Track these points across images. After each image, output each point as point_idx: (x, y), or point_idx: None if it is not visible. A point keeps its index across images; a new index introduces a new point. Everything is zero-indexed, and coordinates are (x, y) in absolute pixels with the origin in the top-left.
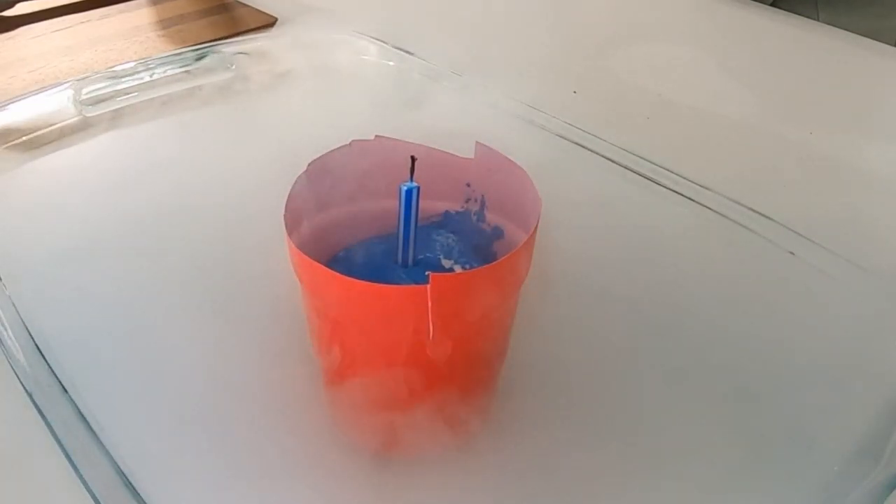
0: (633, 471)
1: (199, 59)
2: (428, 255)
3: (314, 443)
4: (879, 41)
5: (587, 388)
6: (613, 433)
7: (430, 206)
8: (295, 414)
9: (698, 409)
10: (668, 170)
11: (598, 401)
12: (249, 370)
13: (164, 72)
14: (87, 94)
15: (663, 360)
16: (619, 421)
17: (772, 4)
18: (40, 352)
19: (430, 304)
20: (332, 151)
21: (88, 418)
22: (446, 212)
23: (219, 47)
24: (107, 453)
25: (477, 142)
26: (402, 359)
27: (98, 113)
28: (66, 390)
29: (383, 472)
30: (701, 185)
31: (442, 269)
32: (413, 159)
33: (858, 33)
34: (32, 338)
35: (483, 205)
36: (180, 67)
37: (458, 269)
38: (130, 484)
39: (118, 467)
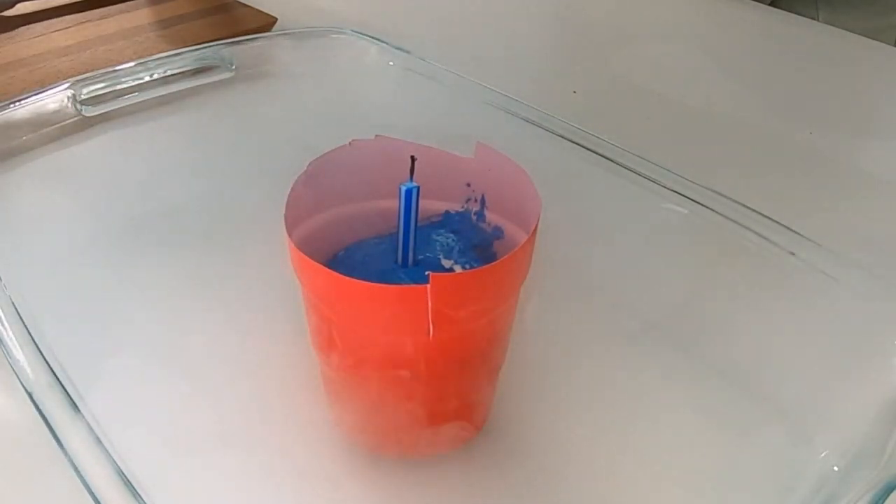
0: (632, 470)
1: (199, 59)
2: (428, 255)
3: (314, 442)
4: (879, 41)
5: (587, 387)
6: (614, 433)
7: (430, 206)
8: (295, 413)
9: (698, 409)
10: (668, 170)
11: (599, 400)
12: (250, 370)
13: (164, 72)
14: (87, 94)
15: (662, 360)
16: (619, 421)
17: (771, 4)
18: (40, 352)
19: (430, 304)
20: (332, 151)
21: (88, 418)
22: (446, 212)
23: (219, 47)
24: (107, 453)
25: (477, 142)
26: (402, 359)
27: (98, 113)
28: (66, 390)
29: (383, 472)
30: (701, 185)
31: (442, 269)
32: (413, 159)
33: (858, 33)
34: (32, 338)
35: (483, 205)
36: (180, 67)
37: (458, 269)
38: (130, 484)
39: (118, 467)
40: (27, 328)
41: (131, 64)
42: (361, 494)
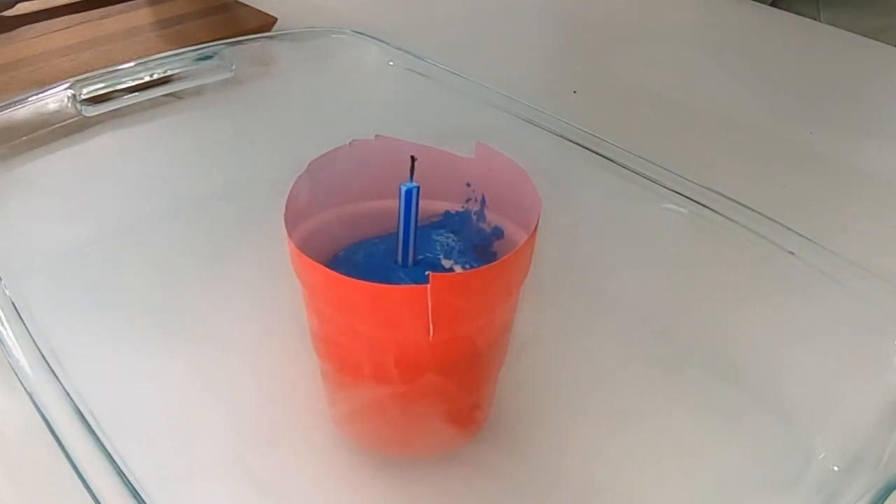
0: (632, 471)
1: (199, 59)
2: (428, 255)
3: (314, 442)
4: (880, 41)
5: (587, 388)
6: (613, 433)
7: (430, 206)
8: (295, 414)
9: (698, 409)
10: (668, 170)
11: (598, 401)
12: (250, 370)
13: (164, 72)
14: (87, 94)
15: (662, 360)
16: (618, 421)
17: (772, 4)
18: (40, 352)
19: (430, 304)
20: (332, 151)
21: (89, 419)
22: (446, 212)
23: (219, 47)
24: (107, 454)
25: (477, 142)
26: (403, 359)
27: (98, 113)
28: (66, 390)
29: (383, 472)
30: (701, 185)
31: (442, 269)
32: (413, 159)
33: (859, 33)
34: (32, 337)
35: (483, 205)
36: (180, 67)
37: (458, 269)
38: (131, 484)
39: (119, 468)
40: (27, 328)
41: (131, 64)
42: (361, 494)
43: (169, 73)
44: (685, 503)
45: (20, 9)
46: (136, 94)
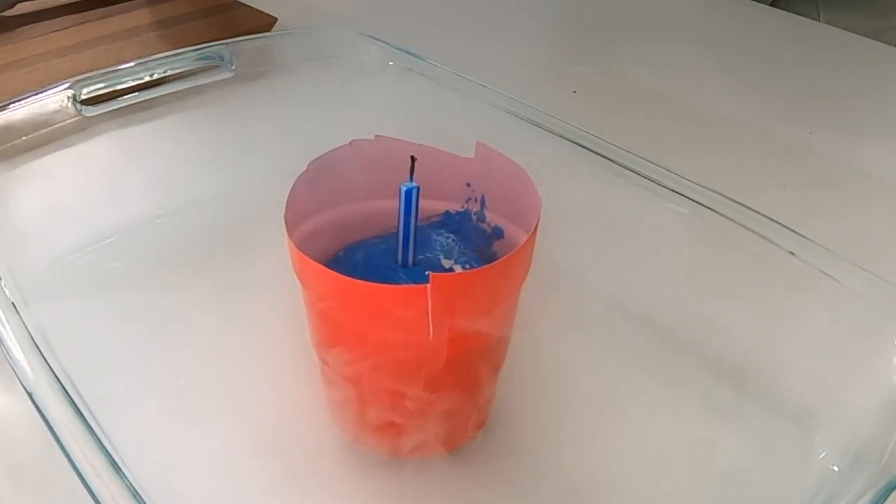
0: (633, 471)
1: (199, 59)
2: (428, 255)
3: (313, 442)
4: (879, 41)
5: (587, 387)
6: (613, 433)
7: (430, 206)
8: (295, 414)
9: (698, 409)
10: (668, 170)
11: (598, 401)
12: (250, 370)
13: (164, 72)
14: (87, 94)
15: (663, 360)
16: (618, 421)
17: (771, 4)
18: (40, 352)
19: (430, 304)
20: (332, 151)
21: (88, 419)
22: (446, 212)
23: (219, 47)
24: (107, 454)
25: (477, 142)
26: (402, 359)
27: (98, 113)
28: (65, 390)
29: (383, 473)
30: (701, 185)
31: (442, 269)
32: (413, 159)
33: (859, 33)
34: (32, 338)
35: (483, 205)
36: (180, 67)
37: (458, 269)
38: (131, 484)
39: (119, 468)
40: (27, 328)
41: (131, 64)
42: (360, 494)
43: (169, 73)
44: (685, 503)
45: (20, 9)
46: (136, 94)
